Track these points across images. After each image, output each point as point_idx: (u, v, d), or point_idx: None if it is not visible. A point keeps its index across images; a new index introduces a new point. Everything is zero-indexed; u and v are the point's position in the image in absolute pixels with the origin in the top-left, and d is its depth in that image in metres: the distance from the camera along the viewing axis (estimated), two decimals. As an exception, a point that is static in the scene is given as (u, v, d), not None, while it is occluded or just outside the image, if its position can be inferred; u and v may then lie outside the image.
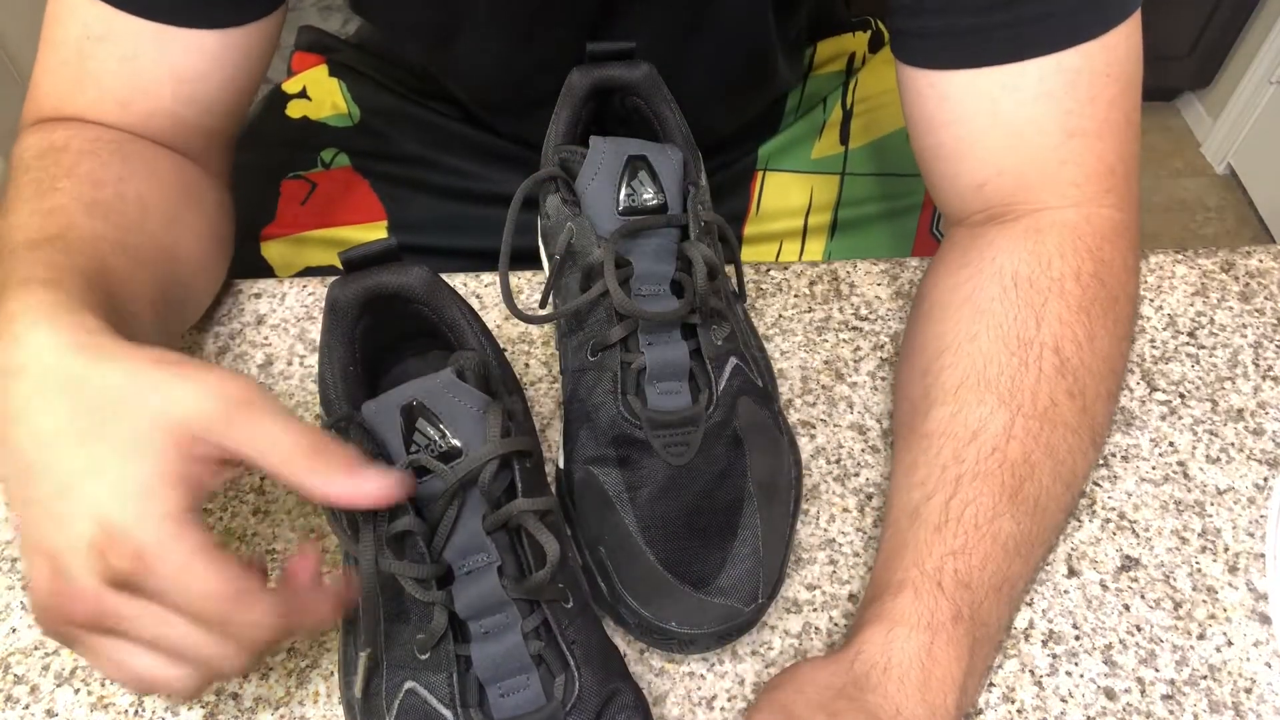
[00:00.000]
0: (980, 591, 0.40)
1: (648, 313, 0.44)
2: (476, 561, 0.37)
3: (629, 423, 0.44)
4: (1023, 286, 0.46)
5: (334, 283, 0.41)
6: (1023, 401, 0.44)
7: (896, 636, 0.39)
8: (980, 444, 0.43)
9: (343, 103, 0.72)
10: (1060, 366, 0.44)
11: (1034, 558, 0.44)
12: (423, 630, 0.37)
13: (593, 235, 0.45)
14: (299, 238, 0.70)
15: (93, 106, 0.50)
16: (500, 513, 0.37)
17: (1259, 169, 1.91)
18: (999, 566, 0.41)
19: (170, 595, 0.32)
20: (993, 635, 0.42)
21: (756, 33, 0.62)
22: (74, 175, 0.46)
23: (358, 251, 0.40)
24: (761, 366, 0.50)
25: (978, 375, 0.45)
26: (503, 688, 0.38)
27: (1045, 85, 0.47)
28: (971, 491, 0.42)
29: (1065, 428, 0.44)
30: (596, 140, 0.46)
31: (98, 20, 0.48)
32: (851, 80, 0.73)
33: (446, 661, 0.37)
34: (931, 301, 0.50)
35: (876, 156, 0.73)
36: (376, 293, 0.41)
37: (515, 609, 0.38)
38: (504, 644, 0.38)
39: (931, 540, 0.41)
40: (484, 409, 0.38)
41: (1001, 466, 0.42)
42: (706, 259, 0.44)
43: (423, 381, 0.38)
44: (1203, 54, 1.96)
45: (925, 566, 0.41)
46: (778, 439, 0.48)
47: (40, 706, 0.42)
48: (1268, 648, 0.45)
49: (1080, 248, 0.47)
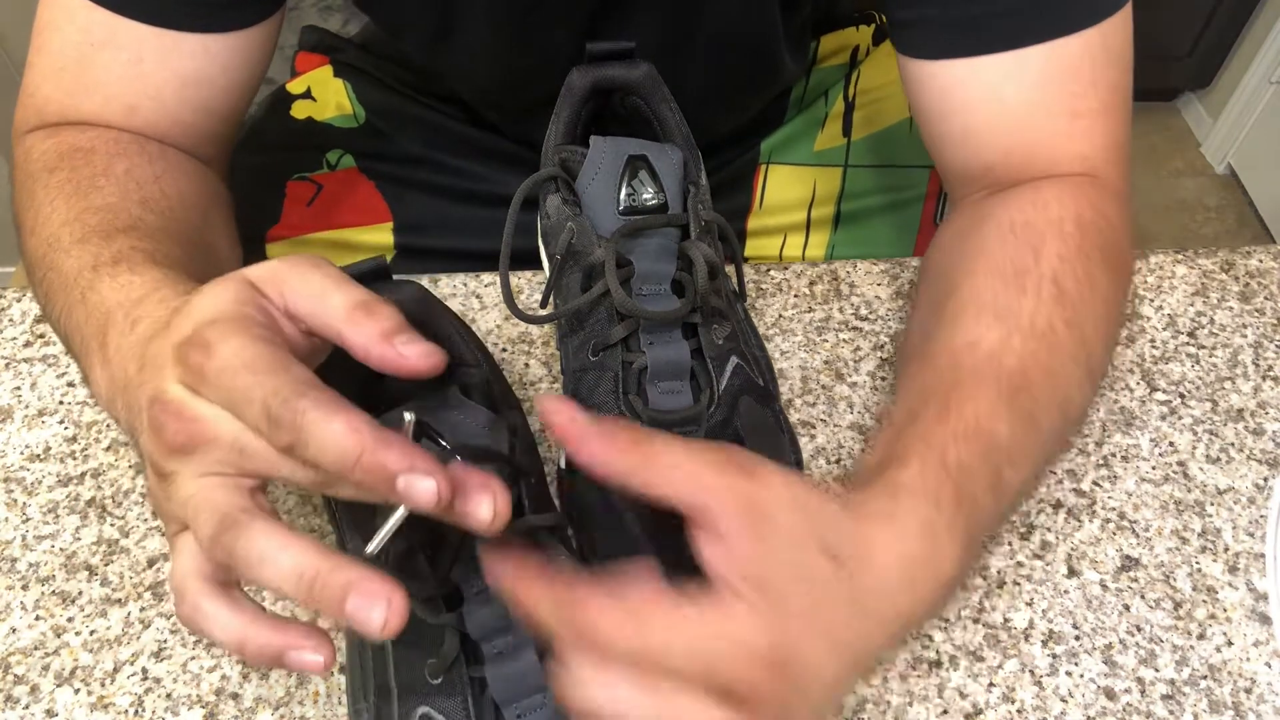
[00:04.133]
0: (979, 484, 0.38)
1: (649, 312, 0.44)
2: (485, 582, 0.37)
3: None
4: (1020, 229, 0.46)
5: None
6: (1020, 321, 0.43)
7: (902, 503, 0.35)
8: (975, 351, 0.42)
9: (348, 103, 0.72)
10: (1058, 296, 0.44)
11: (1024, 472, 0.42)
12: (434, 655, 0.37)
13: (593, 235, 0.45)
14: (304, 239, 0.70)
15: (98, 112, 0.49)
16: (510, 530, 0.37)
17: (1259, 169, 1.91)
18: (995, 466, 0.39)
19: (230, 388, 0.30)
20: (978, 540, 0.39)
21: (761, 30, 0.62)
22: (111, 174, 0.46)
23: (348, 271, 0.40)
24: (762, 365, 0.50)
25: (975, 299, 0.44)
26: (519, 708, 0.37)
27: (1048, 70, 0.47)
28: (970, 389, 0.40)
29: (1062, 353, 0.43)
30: (597, 140, 0.46)
31: (99, 26, 0.48)
32: (854, 73, 0.73)
33: (461, 685, 0.37)
34: (934, 261, 0.50)
35: (879, 148, 0.73)
36: None
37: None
38: (519, 664, 0.37)
39: (934, 426, 0.39)
40: (489, 425, 0.37)
41: (998, 373, 0.41)
42: (707, 258, 0.44)
43: (426, 399, 0.37)
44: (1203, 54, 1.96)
45: (931, 442, 0.38)
46: (779, 438, 0.48)
47: (40, 706, 0.42)
48: (1268, 648, 0.45)
49: (1080, 198, 0.47)
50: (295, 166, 0.71)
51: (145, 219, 0.43)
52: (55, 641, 0.44)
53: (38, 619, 0.45)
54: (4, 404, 0.53)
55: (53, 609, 0.45)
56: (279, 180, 0.70)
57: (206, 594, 0.31)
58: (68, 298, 0.41)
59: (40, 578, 0.46)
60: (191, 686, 0.43)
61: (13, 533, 0.48)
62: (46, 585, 0.46)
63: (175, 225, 0.45)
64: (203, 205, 0.50)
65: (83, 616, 0.45)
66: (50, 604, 0.45)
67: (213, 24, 0.49)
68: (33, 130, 0.50)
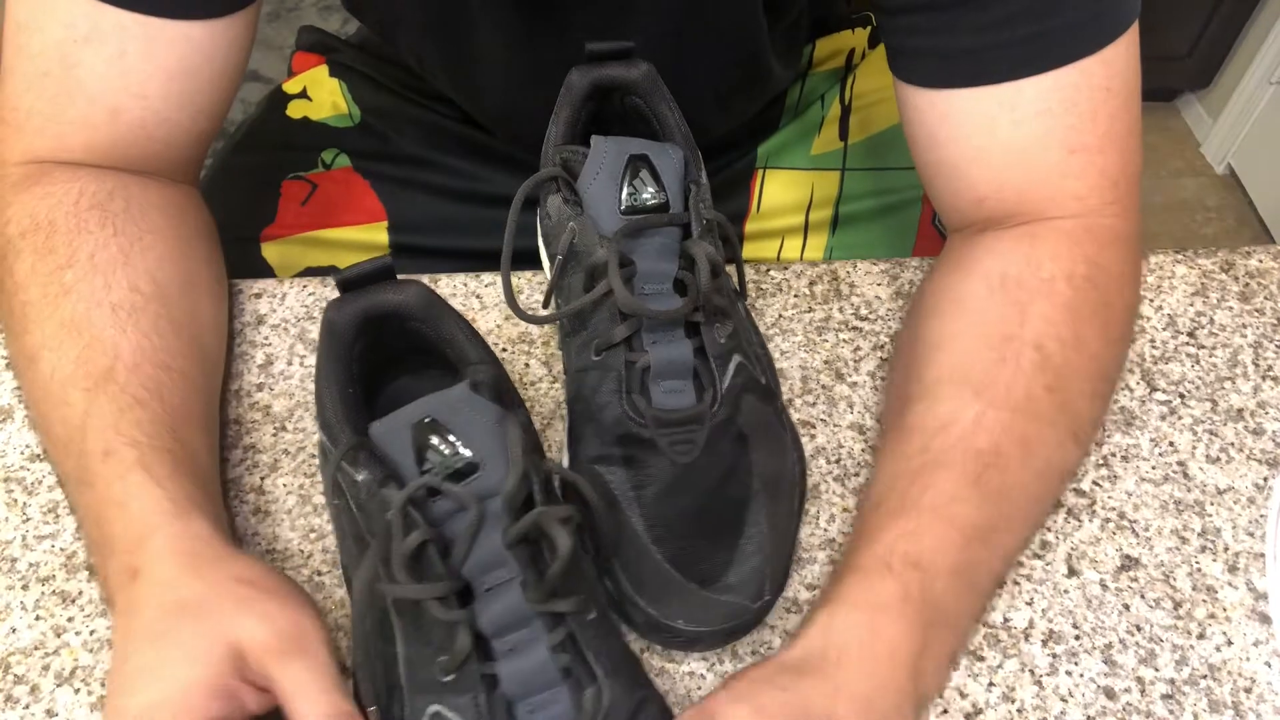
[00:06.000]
0: (933, 573, 0.39)
1: (653, 311, 0.44)
2: (497, 578, 0.37)
3: (634, 421, 0.44)
4: (1010, 286, 0.46)
5: (330, 304, 0.41)
6: (995, 395, 0.43)
7: (837, 616, 0.38)
8: (947, 435, 0.43)
9: (343, 103, 0.72)
10: (1041, 363, 0.44)
11: (1001, 546, 0.43)
12: (446, 651, 0.36)
13: (595, 235, 0.45)
14: (299, 239, 0.70)
15: (82, 120, 0.49)
16: (521, 523, 0.36)
17: (1259, 169, 1.91)
18: (956, 550, 0.40)
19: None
20: (952, 621, 0.41)
21: (748, 35, 0.62)
22: (75, 265, 0.45)
23: (354, 271, 0.40)
24: (764, 364, 0.50)
25: (955, 370, 0.45)
26: (531, 704, 0.37)
27: (1044, 103, 0.46)
28: (931, 478, 0.41)
29: (1040, 420, 0.44)
30: (598, 140, 0.46)
31: (82, 19, 0.47)
32: (850, 76, 0.73)
33: (472, 682, 0.36)
34: (922, 303, 0.50)
35: (876, 151, 0.73)
36: (373, 312, 0.40)
37: (541, 623, 0.37)
38: (531, 659, 0.37)
39: (885, 524, 0.41)
40: (500, 422, 0.37)
41: (965, 455, 0.42)
42: (710, 257, 0.44)
43: (437, 397, 0.37)
44: (1203, 54, 1.96)
45: (876, 549, 0.40)
46: (781, 436, 0.48)
47: (40, 706, 0.42)
48: (1268, 647, 0.45)
49: (1075, 253, 0.47)
50: (290, 166, 0.71)
51: (122, 351, 0.44)
52: (55, 641, 0.44)
53: (38, 619, 0.45)
54: (4, 404, 0.53)
55: (53, 609, 0.45)
56: (274, 179, 0.70)
57: None
58: (53, 444, 0.44)
59: (40, 578, 0.46)
60: (191, 686, 0.43)
61: (13, 533, 0.48)
62: (46, 585, 0.46)
63: (152, 337, 0.45)
64: (180, 275, 0.49)
65: (83, 616, 0.45)
66: (50, 604, 0.45)
67: (195, 11, 0.49)
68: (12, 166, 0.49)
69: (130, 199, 0.49)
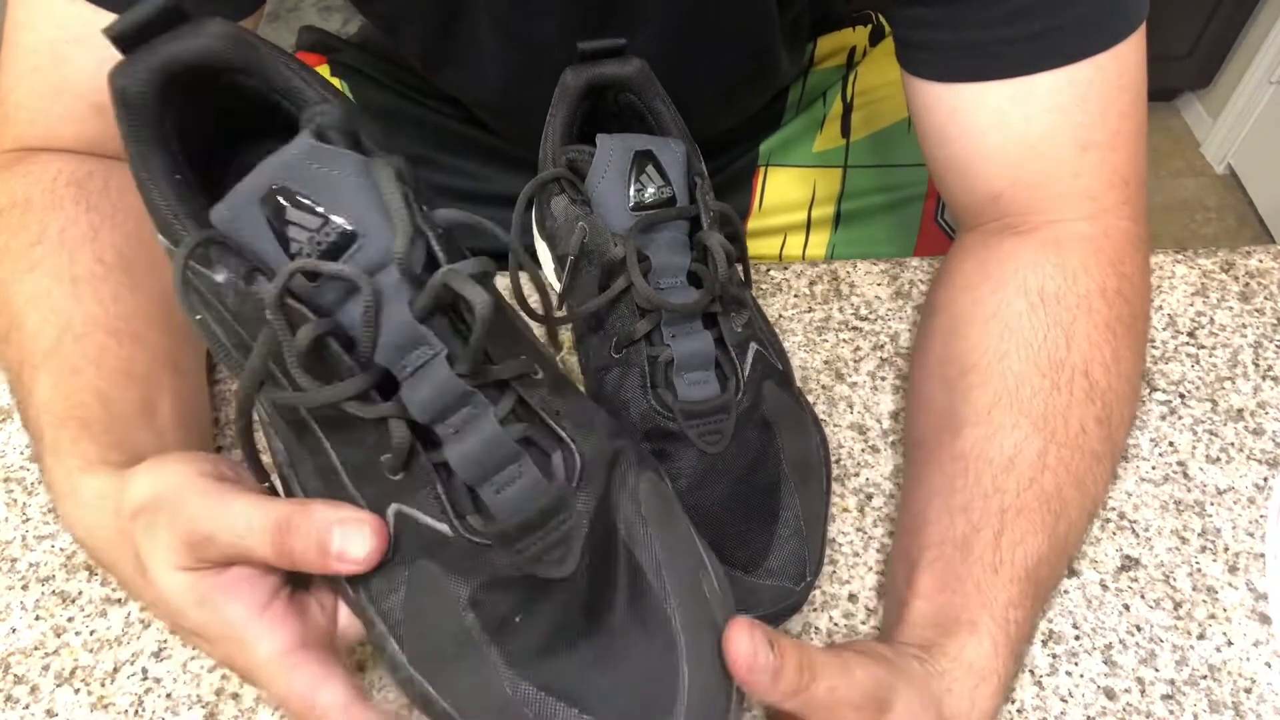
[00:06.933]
0: (1027, 627, 0.41)
1: (674, 304, 0.44)
2: (419, 358, 0.31)
3: (661, 415, 0.44)
4: (1050, 303, 0.46)
5: (113, 70, 0.31)
6: (1055, 428, 0.43)
7: (980, 694, 0.38)
8: (1019, 474, 0.42)
9: None
10: (1090, 391, 0.44)
11: (1054, 584, 0.45)
12: (385, 449, 0.32)
13: (608, 233, 0.45)
14: None
15: (68, 114, 0.49)
16: (427, 289, 0.30)
17: (1259, 169, 1.92)
18: (1035, 618, 0.42)
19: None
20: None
21: (760, 27, 0.62)
22: (45, 240, 0.45)
23: (127, 20, 0.31)
24: (777, 350, 0.50)
25: (1010, 397, 0.44)
26: (495, 484, 0.32)
27: (1057, 98, 0.46)
28: (1018, 530, 0.41)
29: (1092, 456, 0.44)
30: (604, 138, 0.46)
31: (76, 20, 0.47)
32: (851, 73, 0.73)
33: (425, 475, 0.32)
34: (953, 315, 0.49)
35: (878, 148, 0.73)
36: (173, 68, 0.31)
37: (481, 396, 0.32)
38: (481, 437, 0.32)
39: (993, 583, 0.40)
40: (363, 172, 0.30)
41: (1040, 501, 0.42)
42: (724, 247, 0.44)
43: (277, 158, 0.30)
44: (1203, 54, 1.96)
45: (994, 612, 0.40)
46: (803, 418, 0.48)
47: (40, 706, 0.42)
48: (1268, 648, 0.45)
49: (1103, 262, 0.47)
50: None
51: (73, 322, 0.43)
52: (55, 641, 0.44)
53: (38, 619, 0.45)
54: (4, 404, 0.53)
55: (53, 609, 0.45)
56: None
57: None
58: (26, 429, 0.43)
59: (40, 578, 0.46)
60: (191, 686, 0.43)
61: (13, 533, 0.48)
62: (46, 585, 0.46)
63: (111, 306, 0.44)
64: (151, 251, 0.47)
65: (83, 616, 0.45)
66: (50, 604, 0.45)
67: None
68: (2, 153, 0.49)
69: (110, 179, 0.49)
